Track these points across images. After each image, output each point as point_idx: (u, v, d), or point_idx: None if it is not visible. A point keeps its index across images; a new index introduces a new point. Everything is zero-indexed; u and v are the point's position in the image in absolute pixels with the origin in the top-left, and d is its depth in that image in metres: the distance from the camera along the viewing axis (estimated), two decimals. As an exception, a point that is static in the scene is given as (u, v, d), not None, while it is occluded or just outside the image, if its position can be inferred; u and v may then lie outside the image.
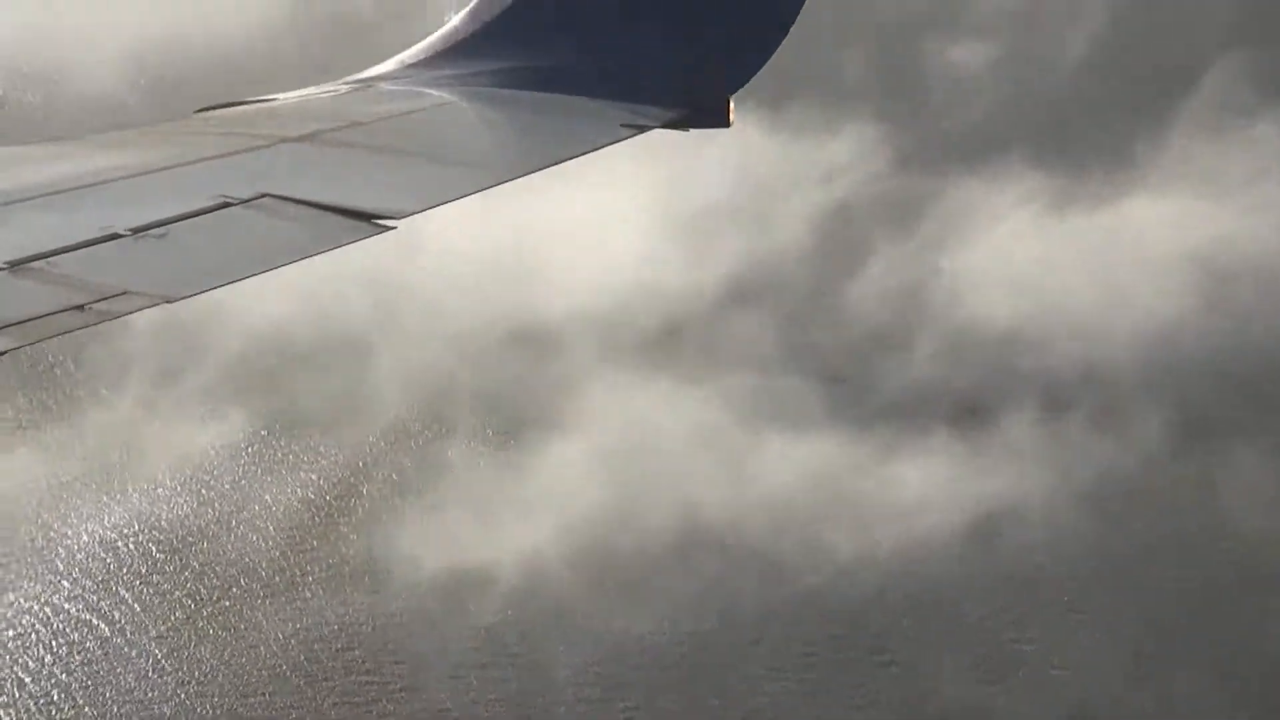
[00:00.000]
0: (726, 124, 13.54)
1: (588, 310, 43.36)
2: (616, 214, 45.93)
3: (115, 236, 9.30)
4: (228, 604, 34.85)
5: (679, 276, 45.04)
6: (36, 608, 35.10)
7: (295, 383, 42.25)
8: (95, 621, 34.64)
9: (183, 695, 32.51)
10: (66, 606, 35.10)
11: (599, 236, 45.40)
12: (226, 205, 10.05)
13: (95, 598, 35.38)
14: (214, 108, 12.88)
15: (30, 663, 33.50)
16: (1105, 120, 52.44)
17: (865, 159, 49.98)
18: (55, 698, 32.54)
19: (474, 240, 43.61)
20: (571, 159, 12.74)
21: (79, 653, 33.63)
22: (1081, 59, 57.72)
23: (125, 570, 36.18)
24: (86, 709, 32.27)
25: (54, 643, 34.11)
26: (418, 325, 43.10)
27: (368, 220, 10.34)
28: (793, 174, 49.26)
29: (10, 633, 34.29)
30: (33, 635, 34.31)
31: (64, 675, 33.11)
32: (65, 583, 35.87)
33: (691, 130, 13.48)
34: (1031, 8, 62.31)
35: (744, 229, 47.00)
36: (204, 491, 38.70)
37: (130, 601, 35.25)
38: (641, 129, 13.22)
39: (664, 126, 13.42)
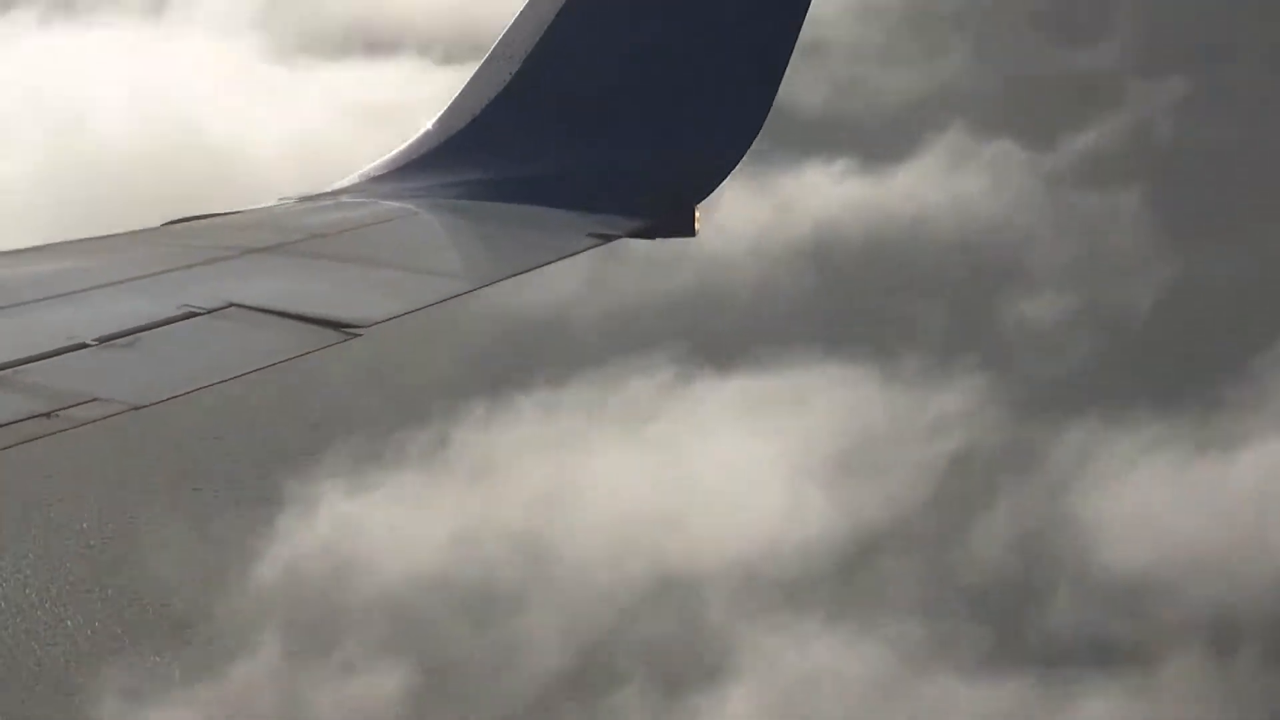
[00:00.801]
0: (692, 233, 13.72)
1: (732, 557, 43.57)
2: (747, 463, 46.38)
3: (82, 345, 9.32)
4: None
5: (813, 524, 45.32)
6: None
7: (448, 634, 42.06)
8: None
9: None
10: None
11: (732, 484, 45.79)
12: (193, 314, 10.07)
13: None
14: (182, 220, 12.88)
15: None
16: (1209, 363, 53.32)
17: (977, 408, 50.56)
18: None
19: (619, 492, 44.01)
20: (538, 268, 13.00)
21: None
22: (1161, 304, 58.80)
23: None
24: None
25: None
26: (567, 576, 43.12)
27: (334, 328, 10.39)
28: (908, 423, 49.79)
29: None
30: None
31: None
32: None
33: (658, 239, 13.65)
34: (1093, 261, 63.55)
35: (867, 478, 47.39)
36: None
37: None
38: (608, 238, 13.31)
39: (630, 235, 13.57)
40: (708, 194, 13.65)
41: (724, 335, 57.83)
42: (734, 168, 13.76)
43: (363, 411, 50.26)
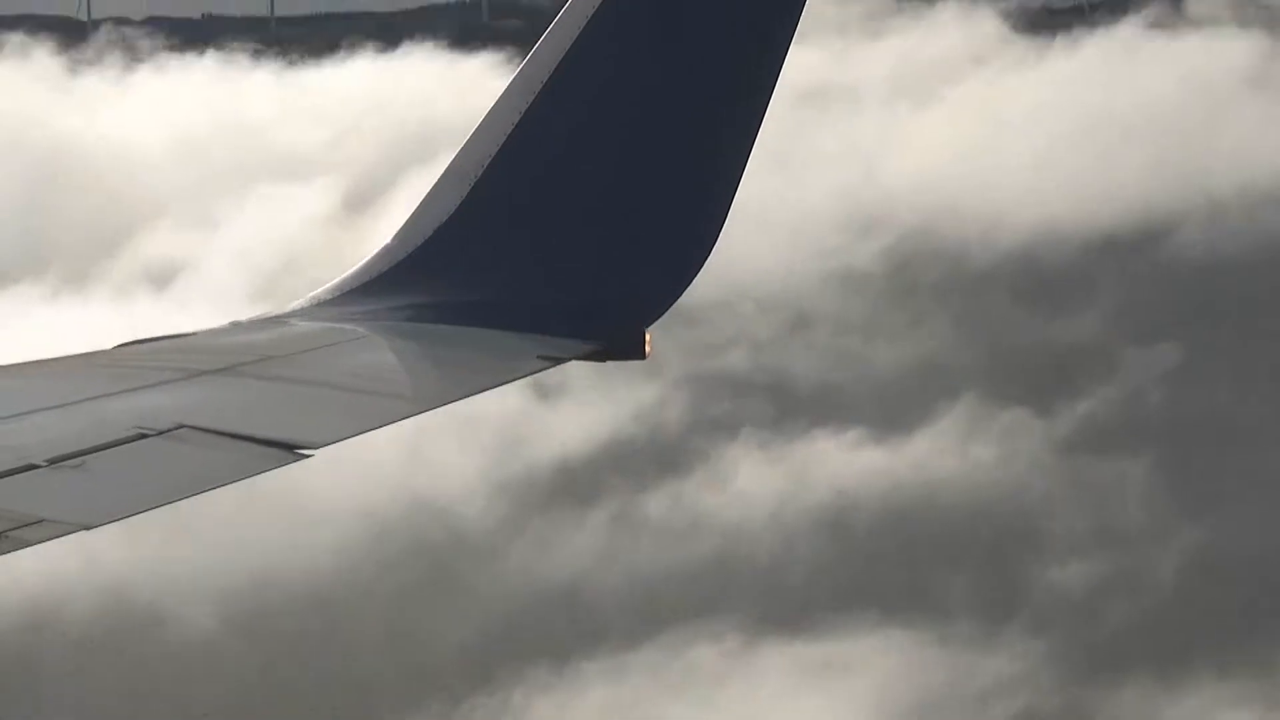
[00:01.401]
0: (642, 356, 13.61)
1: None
2: None
3: (31, 467, 9.35)
4: None
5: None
6: None
7: None
8: None
9: None
10: None
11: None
12: (143, 436, 10.08)
13: None
14: (135, 342, 12.94)
15: None
16: (1249, 625, 53.89)
17: (1029, 672, 50.89)
18: None
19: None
20: (489, 389, 12.95)
21: None
22: (1186, 568, 59.49)
23: None
24: None
25: None
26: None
27: (285, 450, 10.43)
28: (963, 688, 50.03)
29: None
30: None
31: None
32: None
33: (609, 362, 13.58)
34: (1111, 528, 64.27)
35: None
36: None
37: None
38: (558, 361, 13.39)
39: (580, 359, 13.54)
40: (659, 316, 13.66)
41: (751, 603, 58.06)
42: (684, 291, 13.73)
43: (425, 671, 50.14)
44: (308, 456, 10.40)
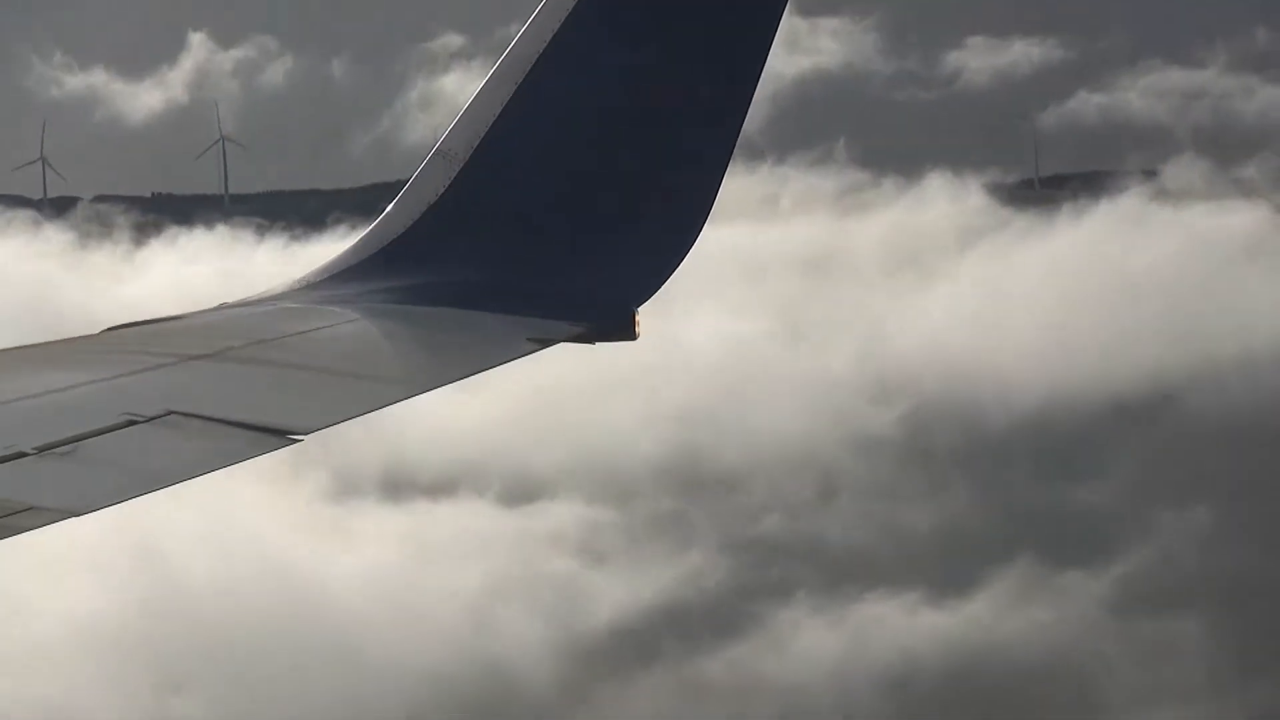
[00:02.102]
0: (633, 337, 13.57)
1: None
2: None
3: (21, 455, 9.37)
4: None
5: None
6: None
7: None
8: None
9: None
10: None
11: None
12: (133, 422, 10.12)
13: None
14: (122, 326, 12.90)
15: None
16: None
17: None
18: None
19: None
20: (480, 373, 12.90)
21: None
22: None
23: None
24: None
25: None
26: None
27: (274, 435, 10.46)
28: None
29: None
30: None
31: None
32: None
33: (598, 344, 13.51)
34: (1171, 688, 64.81)
35: None
36: None
37: None
38: (547, 343, 13.26)
39: (570, 341, 13.42)
40: (649, 297, 13.54)
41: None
42: (674, 271, 13.59)
43: None
44: (298, 441, 10.43)
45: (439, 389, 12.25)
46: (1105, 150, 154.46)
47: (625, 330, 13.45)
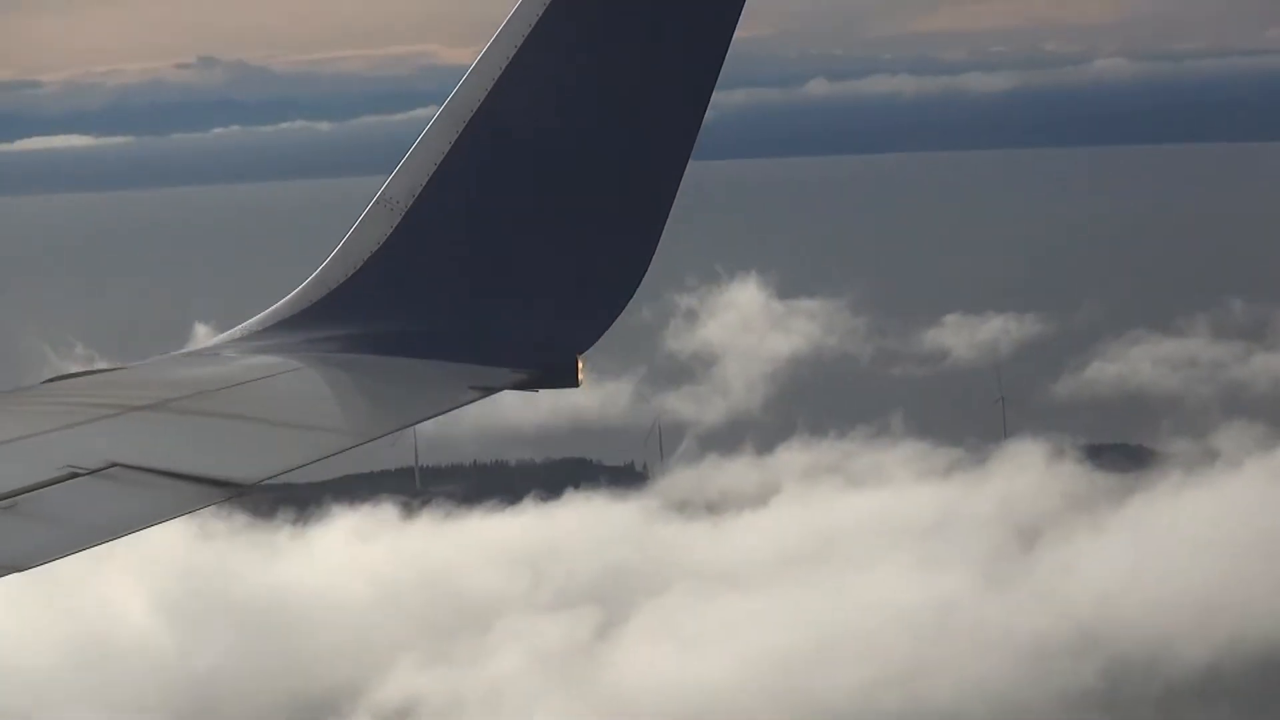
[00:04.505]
0: (575, 384, 13.38)
1: None
2: None
3: None
4: None
5: None
6: None
7: None
8: None
9: None
10: None
11: None
12: (75, 475, 9.89)
13: None
14: (62, 377, 12.81)
15: None
16: None
17: None
18: None
19: None
20: (422, 421, 12.88)
21: None
22: None
23: None
24: None
25: None
26: None
27: (219, 486, 10.31)
28: None
29: None
30: None
31: None
32: None
33: (541, 390, 13.42)
34: None
35: None
36: None
37: None
38: (490, 391, 13.13)
39: (513, 388, 13.30)
40: (592, 343, 13.46)
41: None
42: (616, 317, 13.50)
43: None
44: (240, 495, 10.36)
45: (388, 435, 12.32)
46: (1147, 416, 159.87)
47: (569, 377, 13.36)
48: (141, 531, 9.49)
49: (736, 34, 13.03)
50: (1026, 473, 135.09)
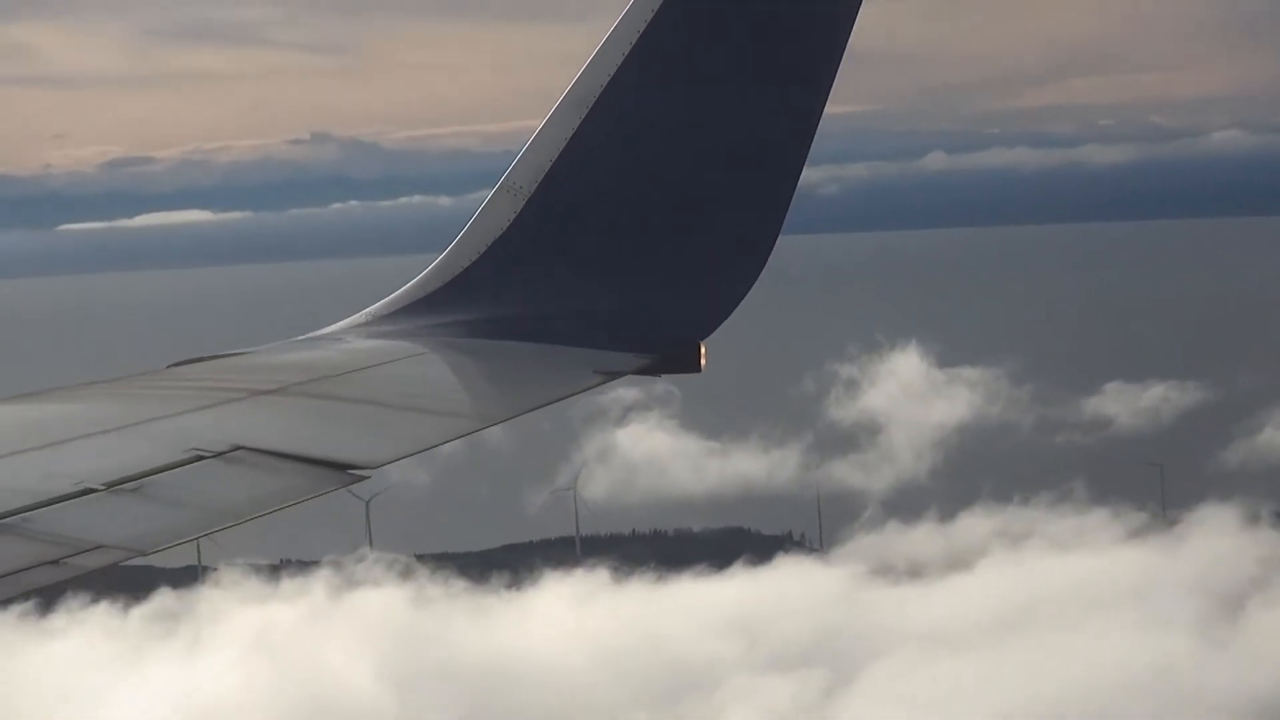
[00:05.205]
0: (698, 369, 13.25)
1: None
2: None
3: (89, 491, 9.23)
4: None
5: None
6: None
7: None
8: None
9: None
10: None
11: None
12: (200, 458, 9.96)
13: None
14: (185, 362, 12.76)
15: None
16: None
17: None
18: None
19: None
20: (546, 405, 12.71)
21: None
22: None
23: None
24: None
25: None
26: None
27: (341, 470, 10.29)
28: None
29: None
30: None
31: None
32: None
33: (663, 375, 13.33)
34: None
35: None
36: None
37: None
38: (614, 375, 13.04)
39: (636, 373, 13.21)
40: (713, 329, 13.43)
41: None
42: (739, 303, 13.49)
43: None
44: (364, 478, 10.31)
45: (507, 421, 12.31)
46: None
47: (691, 362, 13.29)
48: (267, 514, 9.60)
49: (849, 108, 13.34)
50: (1221, 537, 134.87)
